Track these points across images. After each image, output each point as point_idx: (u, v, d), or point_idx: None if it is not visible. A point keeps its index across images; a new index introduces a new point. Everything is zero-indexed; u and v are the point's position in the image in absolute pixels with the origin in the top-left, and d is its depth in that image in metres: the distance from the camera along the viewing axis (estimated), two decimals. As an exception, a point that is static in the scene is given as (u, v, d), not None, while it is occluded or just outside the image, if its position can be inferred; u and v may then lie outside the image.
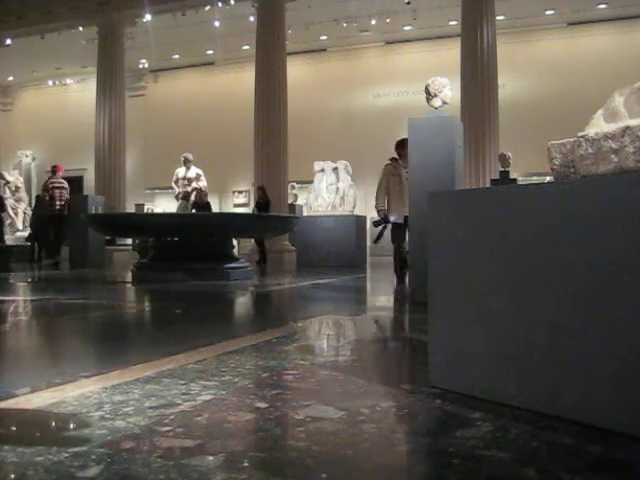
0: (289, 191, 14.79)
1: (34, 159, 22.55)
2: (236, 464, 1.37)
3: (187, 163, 11.81)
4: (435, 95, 5.07)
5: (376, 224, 6.86)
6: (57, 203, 11.63)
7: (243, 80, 17.13)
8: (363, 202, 13.47)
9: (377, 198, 6.78)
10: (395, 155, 6.85)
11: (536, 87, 16.83)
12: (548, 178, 10.14)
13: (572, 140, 1.88)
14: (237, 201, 20.43)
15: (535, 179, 15.13)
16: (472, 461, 1.38)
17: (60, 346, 3.35)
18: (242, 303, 5.86)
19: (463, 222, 1.99)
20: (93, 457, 1.40)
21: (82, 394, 1.99)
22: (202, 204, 12.21)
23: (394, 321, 4.30)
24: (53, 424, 1.76)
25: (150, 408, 1.82)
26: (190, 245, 7.77)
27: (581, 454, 1.43)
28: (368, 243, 12.66)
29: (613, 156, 1.71)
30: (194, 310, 4.76)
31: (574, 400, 1.63)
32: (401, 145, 6.52)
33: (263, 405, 1.86)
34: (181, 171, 11.93)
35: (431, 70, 8.85)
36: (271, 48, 13.77)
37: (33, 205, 11.53)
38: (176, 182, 12.14)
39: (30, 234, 13.10)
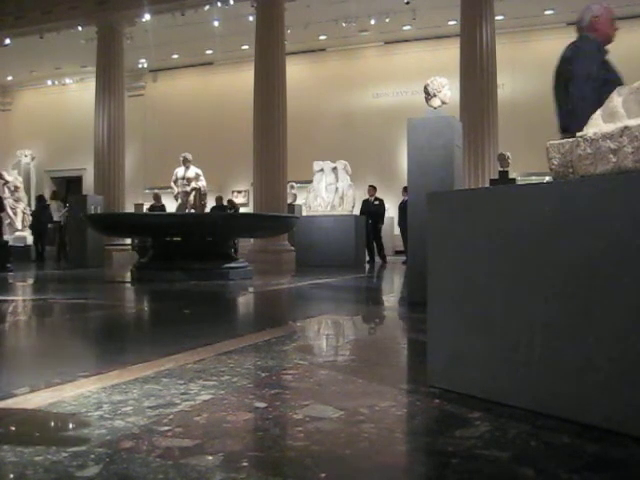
0: (288, 191, 14.77)
1: (33, 159, 22.51)
2: (235, 464, 1.37)
3: (186, 163, 11.80)
4: (434, 95, 5.07)
5: None
6: None
7: (242, 80, 17.10)
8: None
9: None
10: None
11: (535, 87, 16.79)
12: (547, 178, 10.14)
13: (571, 140, 1.88)
14: (236, 201, 20.39)
15: (534, 179, 15.12)
16: (471, 460, 1.38)
17: (59, 346, 3.35)
18: (241, 303, 5.86)
19: (462, 222, 1.99)
20: (92, 457, 1.40)
21: (81, 394, 1.99)
22: (157, 206, 12.60)
23: (393, 321, 4.30)
24: (52, 424, 1.76)
25: (149, 408, 1.82)
26: (189, 245, 7.78)
27: (579, 454, 1.43)
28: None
29: (612, 156, 1.71)
30: (193, 310, 4.76)
31: (572, 400, 1.63)
32: None
33: (262, 405, 1.86)
34: (180, 171, 11.93)
35: (430, 70, 8.85)
36: (270, 48, 13.75)
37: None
38: (175, 182, 12.13)
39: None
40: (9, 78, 22.32)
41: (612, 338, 1.55)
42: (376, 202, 12.68)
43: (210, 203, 12.44)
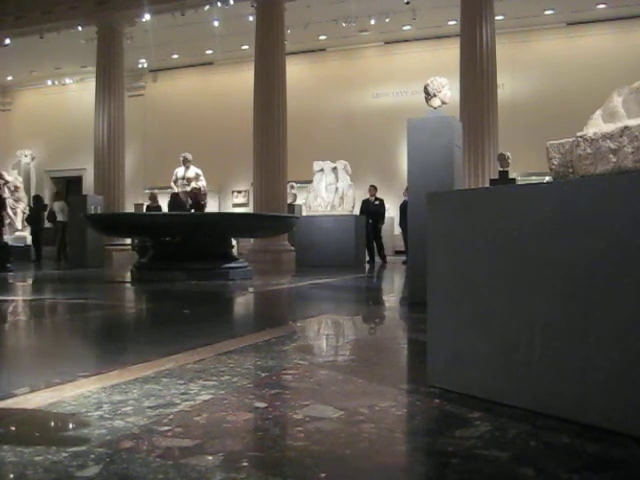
0: (288, 191, 14.77)
1: (33, 159, 22.53)
2: (235, 464, 1.37)
3: (186, 163, 11.81)
4: (434, 95, 5.07)
5: None
6: None
7: (242, 80, 17.10)
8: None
9: None
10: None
11: (535, 87, 16.83)
12: (547, 178, 10.15)
13: (571, 140, 1.88)
14: (236, 201, 20.41)
15: (534, 179, 15.12)
16: (471, 460, 1.38)
17: (59, 346, 3.35)
18: (241, 303, 5.86)
19: (462, 222, 1.99)
20: (92, 457, 1.40)
21: (81, 394, 1.99)
22: (153, 206, 12.66)
23: (393, 321, 4.30)
24: (52, 424, 1.76)
25: (149, 408, 1.82)
26: (189, 245, 7.77)
27: (579, 454, 1.43)
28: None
29: (611, 156, 1.71)
30: (193, 310, 4.76)
31: (572, 400, 1.63)
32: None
33: (262, 405, 1.86)
34: (180, 171, 11.93)
35: (430, 70, 8.85)
36: (270, 48, 13.75)
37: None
38: (175, 182, 12.14)
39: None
40: (9, 78, 22.31)
41: (612, 338, 1.55)
42: (376, 202, 12.71)
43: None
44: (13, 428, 1.71)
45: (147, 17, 15.92)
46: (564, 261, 1.66)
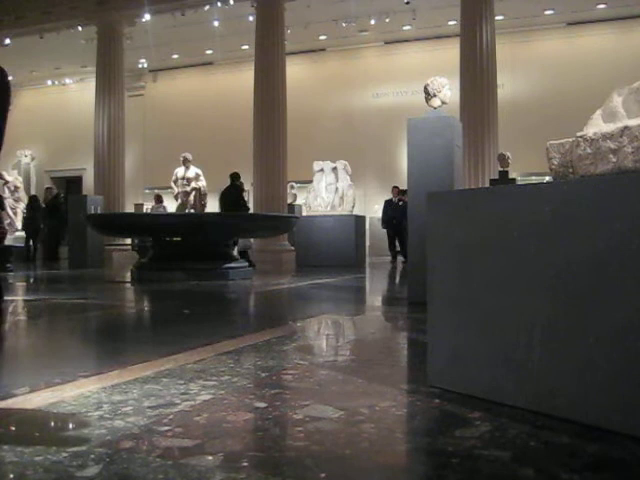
0: (288, 191, 14.78)
1: (33, 159, 22.52)
2: (235, 464, 1.37)
3: (186, 163, 11.81)
4: (434, 95, 5.07)
5: None
6: None
7: (242, 80, 17.10)
8: (362, 202, 13.47)
9: None
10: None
11: (535, 87, 16.83)
12: (547, 178, 10.15)
13: (571, 140, 1.88)
14: (236, 201, 20.41)
15: (534, 179, 15.12)
16: (471, 460, 1.38)
17: (59, 346, 3.35)
18: (241, 303, 5.86)
19: (462, 222, 1.99)
20: (92, 457, 1.40)
21: (81, 394, 1.99)
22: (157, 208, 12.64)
23: (393, 321, 4.30)
24: (52, 424, 1.76)
25: (149, 408, 1.82)
26: (189, 245, 7.77)
27: (579, 454, 1.43)
28: (367, 243, 12.71)
29: (611, 156, 1.71)
30: (193, 310, 4.76)
31: (572, 400, 1.63)
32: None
33: (262, 405, 1.86)
34: (180, 171, 11.93)
35: (430, 70, 8.85)
36: (270, 48, 13.76)
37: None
38: (175, 182, 12.14)
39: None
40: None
41: (612, 338, 1.55)
42: (400, 203, 12.58)
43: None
44: (13, 428, 1.71)
45: (147, 17, 15.93)
46: (564, 261, 1.66)
